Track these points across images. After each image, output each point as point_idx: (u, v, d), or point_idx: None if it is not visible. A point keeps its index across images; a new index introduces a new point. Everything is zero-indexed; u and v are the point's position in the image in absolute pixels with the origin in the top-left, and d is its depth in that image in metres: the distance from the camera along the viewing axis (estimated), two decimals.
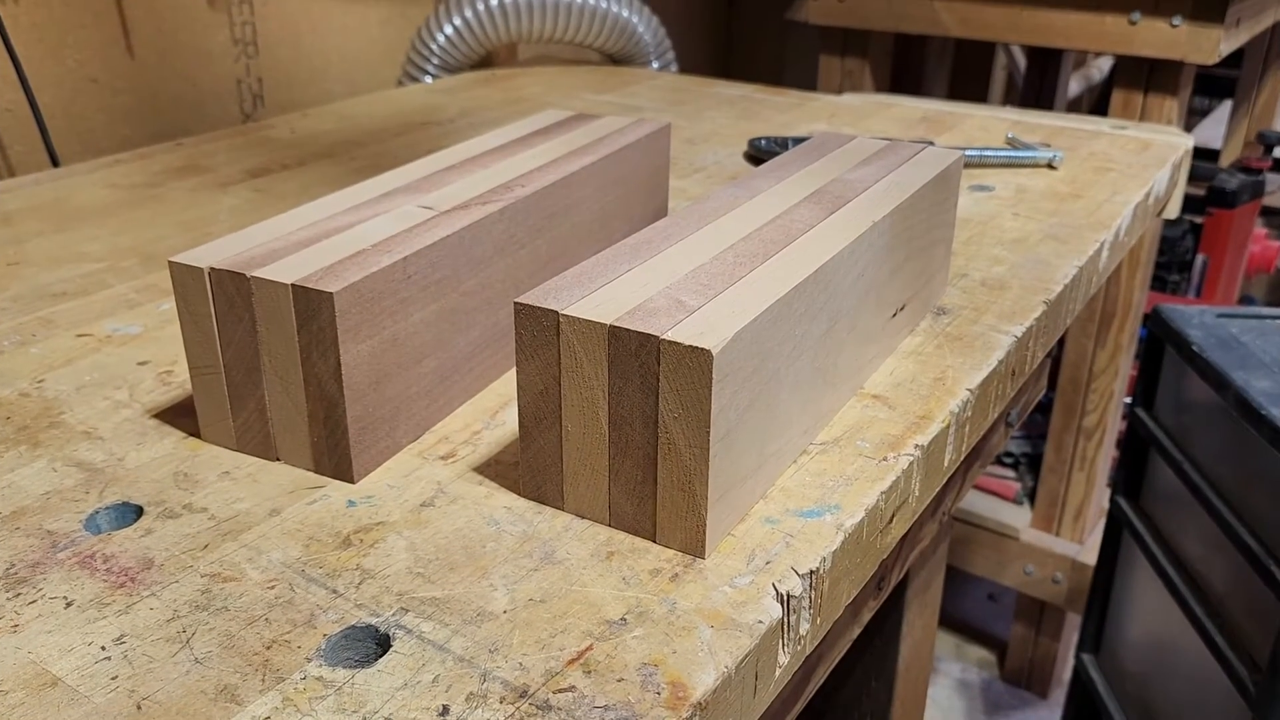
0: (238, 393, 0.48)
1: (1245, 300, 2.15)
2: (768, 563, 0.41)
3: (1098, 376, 1.47)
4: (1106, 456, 1.52)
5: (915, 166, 0.60)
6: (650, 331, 0.40)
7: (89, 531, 0.43)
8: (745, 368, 0.41)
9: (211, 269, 0.46)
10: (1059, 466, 1.54)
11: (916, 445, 0.49)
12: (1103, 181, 0.88)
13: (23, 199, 0.81)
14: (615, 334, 0.40)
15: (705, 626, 0.38)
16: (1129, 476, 1.18)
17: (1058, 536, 1.58)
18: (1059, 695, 1.68)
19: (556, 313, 0.41)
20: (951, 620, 1.88)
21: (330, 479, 0.47)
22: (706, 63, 1.92)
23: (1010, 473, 1.69)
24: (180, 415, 0.52)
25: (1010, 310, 0.64)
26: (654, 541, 0.43)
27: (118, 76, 1.04)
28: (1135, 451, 1.17)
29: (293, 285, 0.44)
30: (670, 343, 0.39)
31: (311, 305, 0.44)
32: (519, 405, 0.44)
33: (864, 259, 0.51)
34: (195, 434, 0.50)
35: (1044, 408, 1.72)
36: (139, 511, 0.44)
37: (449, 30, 1.25)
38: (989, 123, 1.06)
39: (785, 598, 0.40)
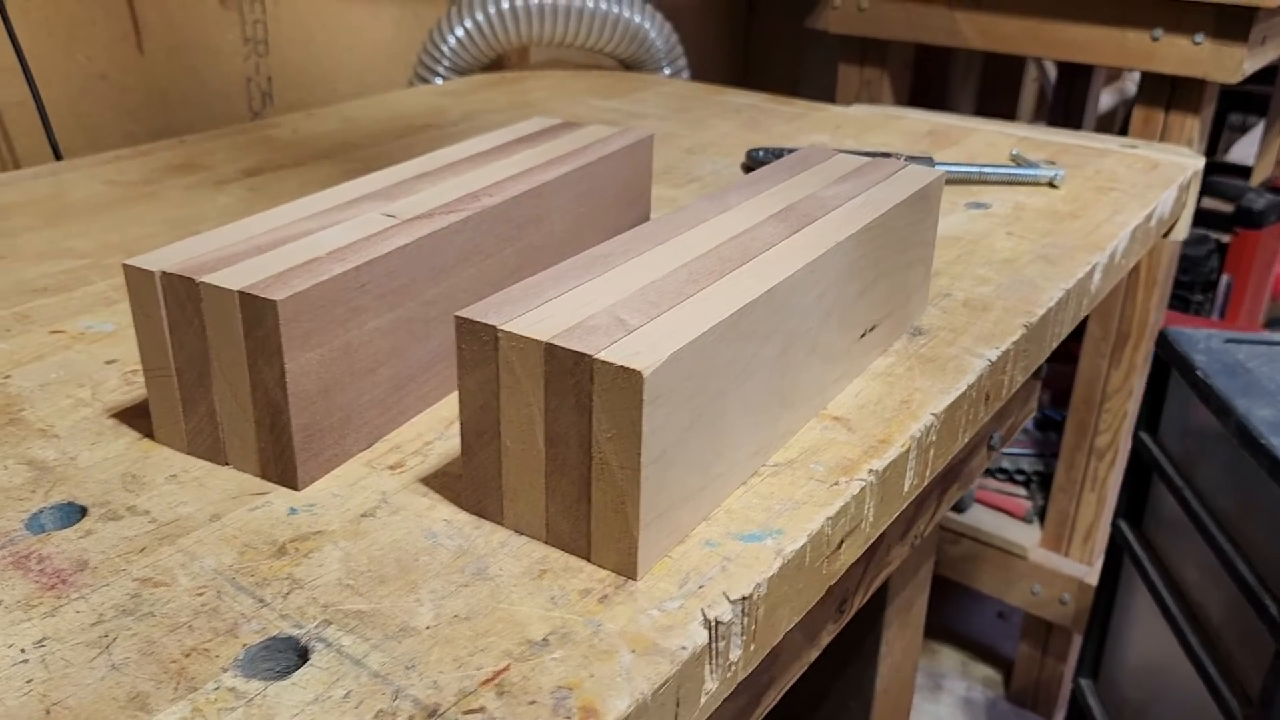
0: (189, 396, 0.48)
1: (1271, 323, 2.11)
2: (700, 587, 0.41)
3: (1111, 397, 1.45)
4: (1118, 478, 1.50)
5: (891, 185, 0.60)
6: (584, 350, 0.39)
7: (30, 531, 0.43)
8: (684, 389, 0.41)
9: (163, 273, 0.46)
10: (1069, 486, 1.52)
11: (871, 470, 0.49)
12: (1103, 201, 0.87)
13: (20, 192, 0.82)
14: (551, 351, 0.40)
15: (626, 651, 0.38)
16: (1131, 500, 1.16)
17: (1066, 557, 1.56)
18: (1063, 718, 1.66)
19: (495, 328, 0.41)
20: (959, 637, 1.86)
21: (276, 485, 0.47)
22: (724, 70, 1.91)
23: (1021, 490, 1.67)
24: (138, 416, 0.52)
25: (989, 332, 0.63)
26: (589, 561, 0.42)
27: (127, 73, 1.05)
28: (1138, 475, 1.15)
29: (239, 292, 0.44)
30: (603, 362, 0.39)
31: (257, 312, 0.44)
32: (460, 419, 0.43)
33: (825, 279, 0.51)
34: (151, 435, 0.50)
35: (1056, 425, 1.70)
36: (83, 512, 0.45)
37: (460, 32, 1.25)
38: (996, 138, 1.05)
39: (714, 624, 0.39)
